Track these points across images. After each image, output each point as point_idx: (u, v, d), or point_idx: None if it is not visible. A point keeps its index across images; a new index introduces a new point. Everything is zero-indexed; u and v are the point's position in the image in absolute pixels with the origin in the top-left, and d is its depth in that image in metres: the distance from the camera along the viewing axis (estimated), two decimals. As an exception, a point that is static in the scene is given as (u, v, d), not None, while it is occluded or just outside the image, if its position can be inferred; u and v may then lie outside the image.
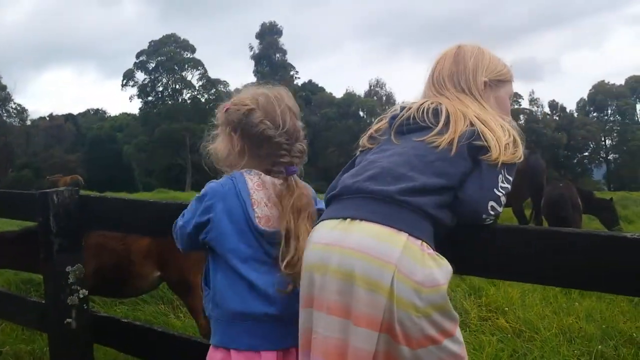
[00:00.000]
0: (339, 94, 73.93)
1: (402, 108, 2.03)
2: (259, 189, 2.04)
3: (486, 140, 1.82)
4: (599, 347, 4.59)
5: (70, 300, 2.80)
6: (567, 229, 1.60)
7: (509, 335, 4.91)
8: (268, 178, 2.06)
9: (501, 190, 1.82)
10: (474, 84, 2.01)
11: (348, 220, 1.75)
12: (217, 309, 2.02)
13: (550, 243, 1.64)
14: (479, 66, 2.04)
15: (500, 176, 1.82)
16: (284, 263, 1.94)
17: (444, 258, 1.71)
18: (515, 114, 65.77)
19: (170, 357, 2.63)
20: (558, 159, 64.46)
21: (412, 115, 1.96)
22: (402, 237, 1.66)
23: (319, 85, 75.91)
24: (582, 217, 10.63)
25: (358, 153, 2.11)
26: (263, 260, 1.99)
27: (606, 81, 74.19)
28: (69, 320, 2.80)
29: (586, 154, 69.55)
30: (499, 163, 1.80)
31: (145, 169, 66.37)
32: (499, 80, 2.05)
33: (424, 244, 1.68)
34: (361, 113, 68.10)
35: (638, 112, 71.40)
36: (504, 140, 1.83)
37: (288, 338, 1.96)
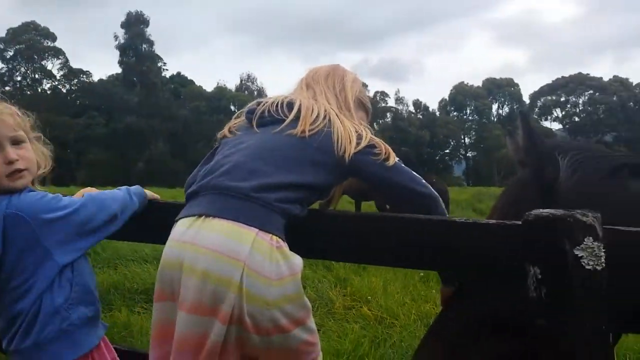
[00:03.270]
0: (209, 87, 72.92)
1: (259, 103, 2.07)
2: None
3: (344, 136, 1.89)
4: (454, 330, 4.89)
5: None
6: (404, 215, 1.69)
7: (371, 323, 5.10)
8: None
9: (403, 167, 1.93)
10: (342, 92, 2.11)
11: (202, 217, 1.76)
12: None
13: (376, 226, 1.75)
14: (354, 83, 2.16)
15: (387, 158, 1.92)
16: None
17: (292, 253, 1.77)
18: (382, 112, 68.45)
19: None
20: (422, 156, 67.95)
21: (267, 109, 2.01)
22: (252, 233, 1.69)
23: (189, 78, 74.26)
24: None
25: (216, 145, 2.10)
26: None
27: (465, 82, 79.35)
28: None
29: (447, 151, 73.96)
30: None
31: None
32: (363, 104, 2.18)
33: (274, 237, 1.73)
34: (232, 107, 67.38)
35: (494, 112, 77.05)
36: (355, 137, 1.91)
37: None
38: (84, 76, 65.23)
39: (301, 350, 1.81)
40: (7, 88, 62.32)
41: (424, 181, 1.92)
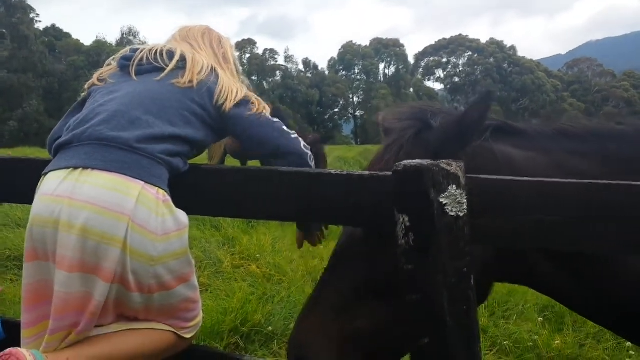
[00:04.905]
0: (87, 41, 68.69)
1: (134, 50, 1.99)
2: None
3: (227, 88, 1.90)
4: (339, 283, 5.04)
5: None
6: (281, 168, 1.69)
7: (260, 280, 5.15)
8: None
9: (272, 118, 1.96)
10: (220, 49, 2.10)
11: (80, 169, 1.65)
12: None
13: (247, 180, 1.75)
14: (231, 46, 2.17)
15: (262, 112, 1.95)
16: None
17: (177, 209, 1.73)
18: (272, 70, 67.95)
19: None
20: (312, 115, 68.53)
21: (145, 56, 1.93)
22: (138, 186, 1.63)
23: (64, 30, 69.36)
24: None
25: (85, 95, 1.99)
26: None
27: (353, 42, 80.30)
28: None
29: (336, 110, 74.95)
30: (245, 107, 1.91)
31: None
32: (236, 66, 2.16)
33: (160, 191, 1.68)
34: (113, 62, 63.61)
35: (381, 72, 78.80)
36: (234, 91, 1.92)
37: None
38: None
39: (182, 308, 1.79)
40: None
41: (294, 137, 1.93)
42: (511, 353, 3.90)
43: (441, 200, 1.26)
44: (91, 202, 1.59)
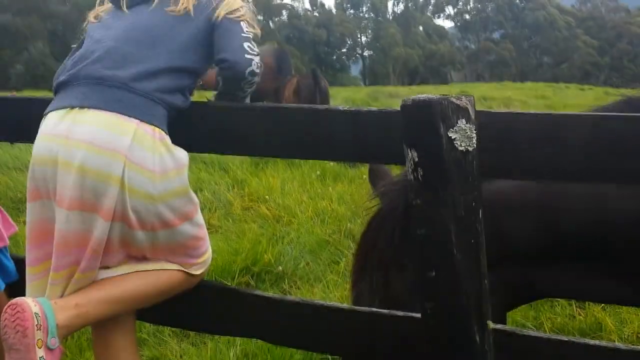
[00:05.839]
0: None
1: None
2: None
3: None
4: (348, 224, 5.07)
5: None
6: (288, 105, 1.66)
7: (269, 221, 5.18)
8: None
9: (247, 33, 1.81)
10: None
11: (76, 109, 1.64)
12: None
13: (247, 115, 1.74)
14: None
15: (243, 24, 1.81)
16: None
17: (176, 146, 1.70)
18: (278, 9, 66.57)
19: None
20: (319, 55, 67.57)
21: None
22: (132, 125, 1.61)
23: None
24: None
25: (84, 36, 1.95)
26: None
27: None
28: None
29: (344, 50, 73.82)
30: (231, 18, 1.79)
31: None
32: None
33: (156, 129, 1.65)
34: None
35: (390, 10, 77.13)
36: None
37: None
38: None
39: (189, 245, 1.79)
40: None
41: (248, 57, 1.79)
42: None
43: (450, 134, 1.25)
44: (87, 141, 1.58)
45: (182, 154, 1.71)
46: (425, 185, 1.28)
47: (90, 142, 1.58)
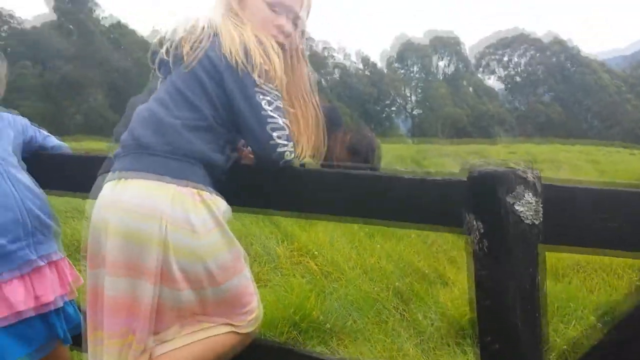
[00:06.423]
0: (144, 30, 70.00)
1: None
2: None
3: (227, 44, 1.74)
4: (397, 283, 5.04)
5: None
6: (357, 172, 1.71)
7: (318, 277, 5.19)
8: None
9: (269, 107, 1.74)
10: None
11: (122, 179, 1.71)
12: None
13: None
14: None
15: (256, 89, 1.74)
16: None
17: (219, 198, 1.74)
18: (332, 67, 67.80)
19: None
20: (369, 113, 68.16)
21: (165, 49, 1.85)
22: (170, 188, 1.66)
23: (128, 26, 71.14)
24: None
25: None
26: None
27: (407, 34, 79.38)
28: None
29: (394, 108, 74.34)
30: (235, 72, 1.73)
31: None
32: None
33: (195, 190, 1.69)
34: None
35: (440, 70, 77.66)
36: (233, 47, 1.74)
37: None
38: (14, 22, 61.58)
39: (238, 301, 1.77)
40: None
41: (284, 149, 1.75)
42: (569, 358, 3.81)
43: (517, 207, 1.27)
44: (131, 209, 1.64)
45: (222, 208, 1.74)
46: (491, 257, 1.30)
47: (135, 209, 1.64)
